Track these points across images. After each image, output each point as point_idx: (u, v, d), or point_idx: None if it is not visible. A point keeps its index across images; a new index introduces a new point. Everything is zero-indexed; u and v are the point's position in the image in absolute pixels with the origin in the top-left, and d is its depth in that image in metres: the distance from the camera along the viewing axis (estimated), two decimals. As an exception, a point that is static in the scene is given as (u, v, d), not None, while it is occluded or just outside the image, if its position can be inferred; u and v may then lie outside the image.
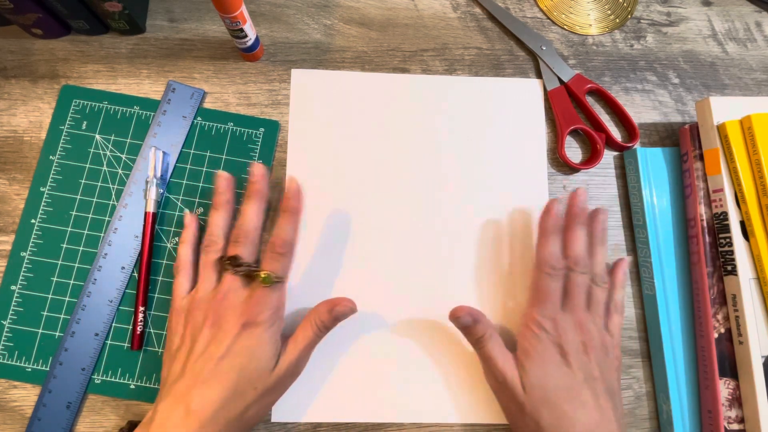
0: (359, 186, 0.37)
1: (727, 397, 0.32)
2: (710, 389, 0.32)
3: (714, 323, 0.33)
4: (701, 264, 0.34)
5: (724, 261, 0.33)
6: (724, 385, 0.32)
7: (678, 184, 0.36)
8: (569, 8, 0.41)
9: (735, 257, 0.32)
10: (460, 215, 0.37)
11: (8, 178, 0.35)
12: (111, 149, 0.36)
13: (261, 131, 0.37)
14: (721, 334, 0.32)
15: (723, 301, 0.33)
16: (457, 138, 0.38)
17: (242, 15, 0.32)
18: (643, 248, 0.36)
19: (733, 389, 0.32)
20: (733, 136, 0.33)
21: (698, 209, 0.34)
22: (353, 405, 0.33)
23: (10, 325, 0.33)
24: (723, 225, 0.33)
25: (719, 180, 0.33)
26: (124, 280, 0.34)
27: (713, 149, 0.34)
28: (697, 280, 0.34)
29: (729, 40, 0.42)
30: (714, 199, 0.34)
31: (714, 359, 0.32)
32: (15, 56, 0.37)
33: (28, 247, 0.34)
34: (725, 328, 0.33)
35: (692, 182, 0.35)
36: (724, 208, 0.33)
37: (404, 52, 0.39)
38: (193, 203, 0.36)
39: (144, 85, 0.37)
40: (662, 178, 0.36)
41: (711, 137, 0.34)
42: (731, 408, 0.32)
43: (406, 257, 0.36)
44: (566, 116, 0.38)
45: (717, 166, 0.34)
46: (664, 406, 0.34)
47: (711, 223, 0.34)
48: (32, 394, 0.32)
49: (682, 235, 0.36)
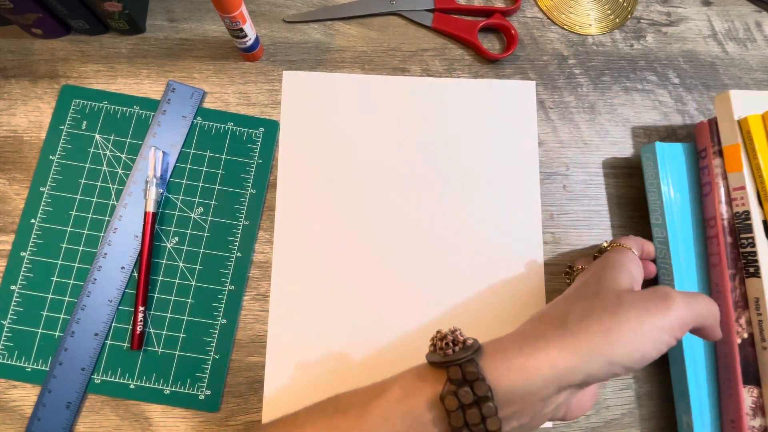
0: (351, 189, 0.37)
1: (750, 405, 0.30)
2: (733, 397, 0.31)
3: (737, 328, 0.31)
4: (722, 266, 0.32)
5: (746, 262, 0.31)
6: (747, 393, 0.30)
7: (695, 181, 0.35)
8: (569, 8, 0.41)
9: (758, 258, 0.30)
10: (454, 215, 0.37)
11: (8, 178, 0.35)
12: (111, 149, 0.36)
13: (261, 131, 0.37)
14: (744, 340, 0.31)
15: (745, 305, 0.31)
16: (449, 140, 0.38)
17: (242, 15, 0.32)
18: (662, 249, 0.34)
19: (757, 397, 0.30)
20: (755, 130, 0.31)
21: (718, 208, 0.32)
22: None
23: (10, 325, 0.33)
24: (745, 225, 0.31)
25: (740, 177, 0.32)
26: (124, 280, 0.34)
27: (734, 145, 0.32)
28: (717, 283, 0.32)
29: (729, 40, 0.42)
30: (735, 197, 0.32)
31: (737, 366, 0.30)
32: (15, 56, 0.37)
33: (28, 247, 0.34)
34: (748, 333, 0.31)
35: (711, 180, 0.33)
36: (746, 206, 0.31)
37: (404, 52, 0.39)
38: (193, 203, 0.36)
39: (144, 85, 0.37)
40: (681, 175, 0.35)
41: (731, 132, 0.32)
42: (755, 417, 0.30)
43: (400, 259, 0.36)
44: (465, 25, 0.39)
45: (738, 162, 0.32)
46: (684, 416, 0.32)
47: (732, 222, 0.32)
48: (32, 394, 0.32)
49: (700, 235, 0.34)
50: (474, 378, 0.21)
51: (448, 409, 0.21)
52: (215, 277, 0.35)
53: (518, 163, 0.38)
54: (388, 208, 0.36)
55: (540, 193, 0.37)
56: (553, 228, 0.37)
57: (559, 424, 0.34)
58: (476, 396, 0.21)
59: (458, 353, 0.22)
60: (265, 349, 0.34)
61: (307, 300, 0.35)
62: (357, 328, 0.35)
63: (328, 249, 0.36)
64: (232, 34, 0.34)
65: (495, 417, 0.21)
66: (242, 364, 0.34)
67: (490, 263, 0.36)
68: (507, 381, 0.22)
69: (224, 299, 0.34)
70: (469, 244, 0.36)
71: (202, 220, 0.35)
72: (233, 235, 0.35)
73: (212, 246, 0.35)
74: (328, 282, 0.35)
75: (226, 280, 0.35)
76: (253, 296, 0.35)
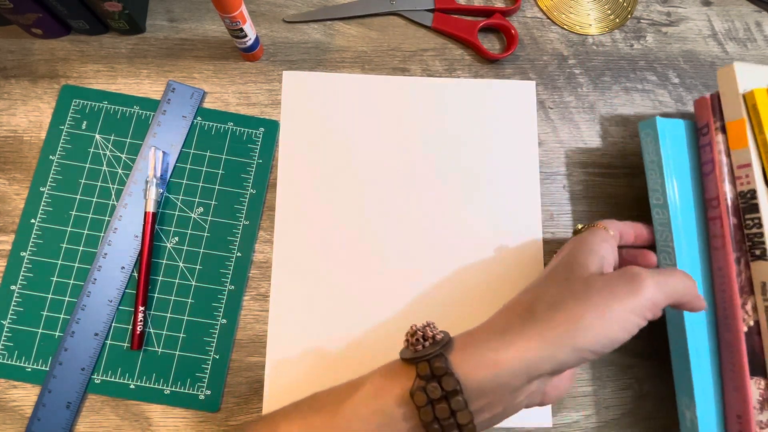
0: (351, 189, 0.37)
1: (758, 398, 0.28)
2: (740, 390, 0.29)
3: (743, 315, 0.29)
4: (726, 249, 0.30)
5: (751, 245, 0.29)
6: (754, 385, 0.28)
7: (697, 161, 0.32)
8: (569, 8, 0.41)
9: (765, 240, 0.28)
10: (454, 215, 0.37)
11: (8, 178, 0.35)
12: (111, 149, 0.36)
13: (261, 131, 0.37)
14: (751, 327, 0.29)
15: (751, 290, 0.29)
16: (449, 140, 0.38)
17: (242, 15, 0.32)
18: (664, 231, 0.31)
19: (765, 389, 0.28)
20: (762, 104, 0.29)
21: (721, 187, 0.30)
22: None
23: (10, 325, 0.33)
24: (750, 204, 0.29)
25: (745, 154, 0.30)
26: (124, 280, 0.34)
27: (738, 120, 0.30)
28: (721, 267, 0.30)
29: (729, 40, 0.42)
30: (739, 175, 0.30)
31: (743, 356, 0.28)
32: (15, 56, 0.37)
33: (28, 247, 0.34)
34: (754, 320, 0.29)
35: (714, 157, 0.31)
36: (751, 185, 0.29)
37: (404, 52, 0.39)
38: (193, 203, 0.36)
39: (144, 84, 0.37)
40: (682, 153, 0.32)
41: (735, 107, 0.30)
42: (762, 411, 0.28)
43: (400, 259, 0.36)
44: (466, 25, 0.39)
45: (743, 138, 0.30)
46: (687, 412, 0.30)
47: (736, 202, 0.30)
48: (32, 394, 0.32)
49: (703, 217, 0.32)
50: (442, 373, 0.22)
51: (417, 404, 0.22)
52: (215, 277, 0.35)
53: (518, 163, 0.38)
54: (388, 208, 0.36)
55: (540, 193, 0.37)
56: (553, 228, 0.37)
57: (560, 424, 0.34)
58: (444, 391, 0.21)
59: (427, 348, 0.23)
60: (265, 349, 0.34)
61: (307, 300, 0.35)
62: (357, 328, 0.35)
63: (328, 249, 0.36)
64: (232, 34, 0.34)
65: (465, 410, 0.22)
66: (242, 364, 0.34)
67: (490, 263, 0.36)
68: (477, 375, 0.22)
69: (224, 299, 0.34)
70: (470, 244, 0.36)
71: (202, 220, 0.35)
72: (233, 235, 0.35)
73: (212, 246, 0.35)
74: (328, 282, 0.35)
75: (226, 280, 0.35)
76: (253, 296, 0.35)
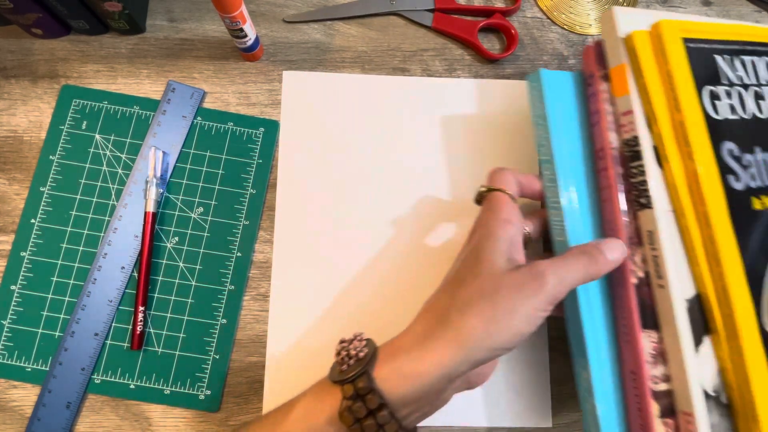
0: (351, 189, 0.37)
1: (651, 352, 0.27)
2: (631, 344, 0.27)
3: (632, 267, 0.28)
4: (613, 199, 0.28)
5: (637, 193, 0.28)
6: (647, 339, 0.27)
7: (586, 113, 0.31)
8: (569, 8, 0.41)
9: (649, 188, 0.27)
10: (453, 215, 0.37)
11: (8, 178, 0.35)
12: (111, 149, 0.36)
13: (261, 131, 0.37)
14: (641, 279, 0.27)
15: (640, 241, 0.28)
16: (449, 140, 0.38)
17: (242, 15, 0.32)
18: (551, 187, 0.30)
19: (657, 342, 0.27)
20: (641, 47, 0.28)
21: (606, 137, 0.29)
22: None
23: (10, 324, 0.33)
24: (634, 152, 0.28)
25: (628, 100, 0.28)
26: (124, 280, 0.34)
27: (620, 66, 0.29)
28: (609, 219, 0.29)
29: (729, 40, 0.42)
30: (623, 123, 0.29)
31: (634, 309, 0.27)
32: (15, 56, 0.37)
33: (28, 247, 0.34)
34: (644, 271, 0.27)
35: (599, 106, 0.30)
36: (634, 131, 0.28)
37: (404, 52, 0.39)
38: (193, 203, 0.36)
39: (144, 84, 0.37)
40: (570, 106, 0.31)
41: (617, 52, 0.29)
42: (656, 365, 0.27)
43: (401, 259, 0.36)
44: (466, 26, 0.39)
45: (624, 84, 0.29)
46: (583, 372, 0.28)
47: (622, 151, 0.29)
48: (32, 394, 0.32)
49: (591, 171, 0.30)
50: (366, 392, 0.23)
51: (346, 425, 0.23)
52: (215, 277, 0.35)
53: (519, 163, 0.38)
54: (389, 208, 0.36)
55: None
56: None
57: (560, 424, 0.34)
58: (369, 409, 0.23)
59: (352, 367, 0.24)
60: (265, 349, 0.34)
61: (307, 300, 0.35)
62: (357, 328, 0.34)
63: (328, 249, 0.36)
64: (232, 34, 0.34)
65: (392, 422, 0.23)
66: (242, 364, 0.34)
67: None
68: (400, 389, 0.23)
69: (224, 299, 0.34)
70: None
71: (202, 220, 0.35)
72: (233, 235, 0.35)
73: (212, 246, 0.35)
74: (328, 282, 0.35)
75: (226, 280, 0.35)
76: (253, 296, 0.35)
